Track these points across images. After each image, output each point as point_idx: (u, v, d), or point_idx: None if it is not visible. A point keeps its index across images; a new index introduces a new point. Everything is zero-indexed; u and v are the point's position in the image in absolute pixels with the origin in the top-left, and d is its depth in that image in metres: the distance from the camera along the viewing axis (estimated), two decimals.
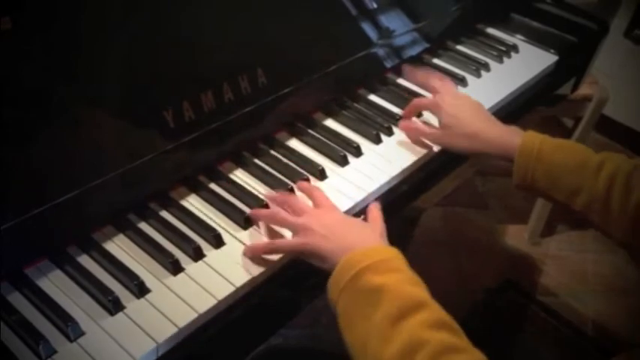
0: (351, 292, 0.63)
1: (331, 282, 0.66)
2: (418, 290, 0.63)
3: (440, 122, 0.91)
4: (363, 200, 0.82)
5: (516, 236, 1.93)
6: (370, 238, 0.70)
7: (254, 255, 0.72)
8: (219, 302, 0.67)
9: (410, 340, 0.57)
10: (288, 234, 0.74)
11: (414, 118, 0.98)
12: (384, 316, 0.59)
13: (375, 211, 0.76)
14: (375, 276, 0.62)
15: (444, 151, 0.94)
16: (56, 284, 0.67)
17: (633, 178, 0.76)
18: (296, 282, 0.75)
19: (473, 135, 0.87)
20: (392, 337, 0.58)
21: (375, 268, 0.63)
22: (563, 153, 0.81)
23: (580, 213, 0.80)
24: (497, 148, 0.86)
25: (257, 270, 0.71)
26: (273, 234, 0.75)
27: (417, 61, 1.14)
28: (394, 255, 0.66)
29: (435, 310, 0.61)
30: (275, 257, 0.72)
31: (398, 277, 0.63)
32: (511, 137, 0.85)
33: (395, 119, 0.97)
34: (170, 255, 0.70)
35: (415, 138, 0.93)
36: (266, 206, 0.78)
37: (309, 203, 0.77)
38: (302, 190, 0.80)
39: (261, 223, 0.76)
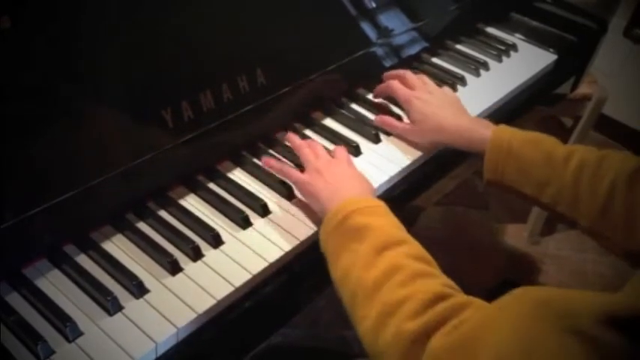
0: (339, 230, 0.68)
1: (323, 226, 0.71)
2: (401, 232, 0.68)
3: (409, 118, 0.93)
4: None
5: (516, 236, 1.93)
6: (365, 193, 0.75)
7: (269, 166, 0.82)
8: (218, 302, 0.67)
9: (390, 265, 0.62)
10: (288, 234, 0.75)
11: (395, 109, 0.98)
12: (369, 247, 0.65)
13: None
14: (363, 217, 0.68)
15: (442, 151, 0.94)
16: (54, 284, 0.67)
17: (602, 167, 0.77)
18: (295, 282, 0.75)
19: (440, 129, 0.88)
20: (374, 263, 0.63)
21: (362, 211, 0.68)
22: (531, 146, 0.81)
23: (548, 205, 0.81)
24: (464, 141, 0.87)
25: (256, 270, 0.71)
26: (273, 234, 0.75)
27: (416, 60, 1.14)
28: (381, 204, 0.72)
29: (416, 246, 0.67)
30: (275, 257, 0.72)
31: (383, 220, 0.69)
32: (480, 130, 0.86)
33: (395, 118, 0.97)
34: (169, 255, 0.70)
35: (391, 132, 0.94)
36: (266, 206, 0.78)
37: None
38: (309, 145, 0.84)
39: (262, 223, 0.76)
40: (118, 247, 0.72)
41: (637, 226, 0.73)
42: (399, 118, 0.97)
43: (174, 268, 0.69)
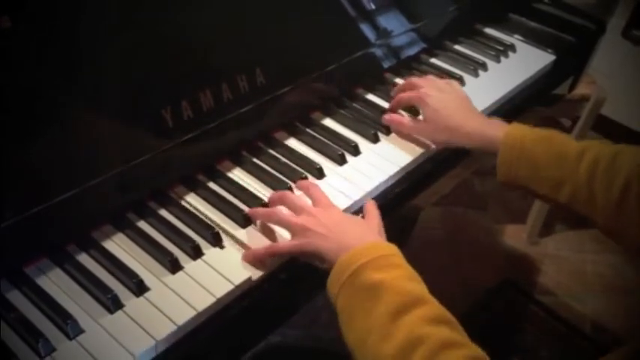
0: (351, 288, 0.63)
1: (330, 280, 0.66)
2: (417, 286, 0.63)
3: (423, 116, 0.92)
4: (361, 199, 0.82)
5: (515, 236, 1.93)
6: (368, 235, 0.70)
7: (255, 260, 0.71)
8: (218, 300, 0.67)
9: (409, 336, 0.57)
10: (286, 233, 0.75)
11: (401, 111, 0.98)
12: (384, 311, 0.60)
13: (372, 208, 0.77)
14: (374, 272, 0.63)
15: (442, 151, 0.94)
16: (55, 283, 0.67)
17: (616, 163, 0.76)
18: (295, 280, 0.75)
19: (453, 128, 0.88)
20: (391, 333, 0.58)
21: (373, 265, 0.63)
22: (544, 145, 0.81)
23: (565, 206, 0.80)
24: (477, 142, 0.87)
25: (256, 268, 0.71)
26: (271, 233, 0.75)
27: (415, 60, 1.14)
28: (393, 251, 0.67)
29: (434, 306, 0.61)
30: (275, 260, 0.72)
31: (397, 273, 0.63)
32: (493, 130, 0.85)
33: None
34: (169, 253, 0.70)
35: (399, 131, 0.94)
36: (265, 205, 0.78)
37: (308, 201, 0.77)
38: (301, 188, 0.80)
39: (259, 222, 0.76)
40: (119, 245, 0.72)
41: None
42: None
43: (175, 267, 0.69)
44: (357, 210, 0.82)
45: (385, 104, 1.02)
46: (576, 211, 0.80)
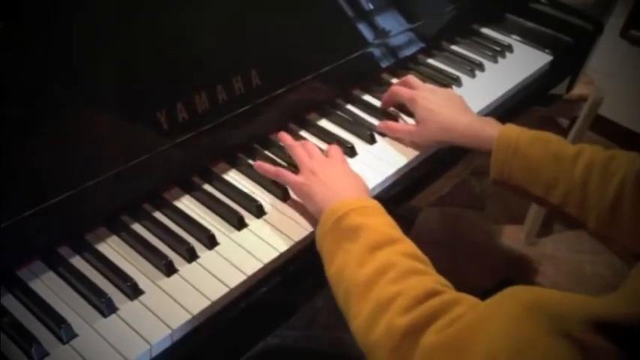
0: (335, 231, 0.68)
1: (319, 226, 0.71)
2: (396, 232, 0.68)
3: (416, 116, 0.92)
4: None
5: (513, 236, 1.93)
6: (360, 193, 0.75)
7: (262, 169, 0.81)
8: (213, 303, 0.67)
9: (383, 263, 0.62)
10: (281, 235, 0.75)
11: (401, 115, 0.98)
12: (363, 244, 0.65)
13: None
14: (358, 217, 0.68)
15: (438, 151, 0.94)
16: (49, 286, 0.67)
17: (610, 167, 0.76)
18: (291, 283, 0.74)
19: (446, 126, 0.88)
20: (367, 261, 0.63)
21: (358, 211, 0.68)
22: (539, 146, 0.81)
23: (556, 207, 0.80)
24: (470, 140, 0.86)
25: (251, 271, 0.71)
26: (269, 234, 0.75)
27: (412, 61, 1.14)
28: (378, 206, 0.72)
29: (410, 245, 0.66)
30: (270, 257, 0.72)
31: (378, 220, 0.69)
32: (487, 129, 0.85)
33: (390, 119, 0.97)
34: (164, 256, 0.70)
35: (395, 136, 0.93)
36: (261, 207, 0.78)
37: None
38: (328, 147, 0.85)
39: (257, 226, 0.76)
40: (113, 248, 0.72)
41: None
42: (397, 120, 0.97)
43: (169, 270, 0.69)
44: None
45: None
46: (567, 214, 0.79)
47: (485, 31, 1.27)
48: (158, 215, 0.76)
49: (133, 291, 0.66)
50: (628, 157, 0.77)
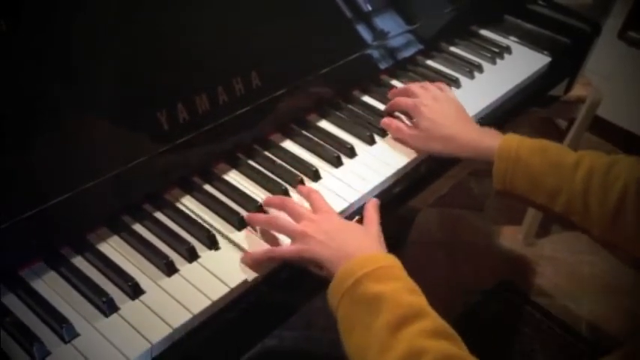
0: (351, 299, 0.63)
1: (331, 289, 0.66)
2: (417, 298, 0.63)
3: (418, 125, 0.91)
4: (358, 201, 0.82)
5: (511, 237, 1.94)
6: (368, 243, 0.70)
7: (252, 263, 0.71)
8: (214, 303, 0.67)
9: (409, 349, 0.57)
10: (284, 238, 0.75)
11: (401, 116, 0.97)
12: (384, 324, 0.60)
13: (372, 212, 0.76)
14: (374, 284, 0.63)
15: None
16: (50, 286, 0.67)
17: (611, 174, 0.76)
18: (291, 283, 0.75)
19: (449, 138, 0.88)
20: (391, 346, 0.58)
21: (373, 276, 0.64)
22: (540, 155, 0.81)
23: (560, 215, 0.80)
24: (472, 151, 0.86)
25: (252, 271, 0.71)
26: (269, 237, 0.75)
27: (411, 62, 1.14)
28: (392, 263, 0.67)
29: (434, 319, 0.61)
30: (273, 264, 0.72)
31: (397, 286, 0.63)
32: (487, 140, 0.85)
33: None
34: (164, 256, 0.70)
35: (396, 136, 0.93)
36: (261, 208, 0.78)
37: (307, 206, 0.77)
38: (301, 193, 0.80)
39: (257, 227, 0.76)
40: (114, 248, 0.72)
41: None
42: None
43: (170, 269, 0.69)
44: (354, 212, 0.82)
45: (381, 106, 1.02)
46: (571, 222, 0.79)
47: (484, 32, 1.28)
48: (159, 215, 0.77)
49: (134, 291, 0.66)
50: (629, 162, 0.77)
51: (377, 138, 0.94)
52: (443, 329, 0.60)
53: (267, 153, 0.88)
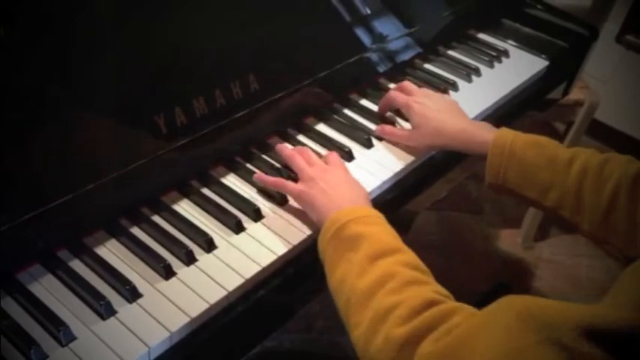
0: (336, 240, 0.68)
1: (320, 234, 0.71)
2: (397, 241, 0.69)
3: (411, 122, 0.92)
4: None
5: (510, 240, 1.94)
6: (363, 202, 0.75)
7: (262, 181, 0.81)
8: (212, 306, 0.67)
9: (383, 273, 0.63)
10: (280, 240, 0.75)
11: (397, 119, 0.98)
12: (363, 255, 0.65)
13: None
14: (359, 226, 0.68)
15: (435, 156, 0.95)
16: (48, 289, 0.67)
17: (604, 171, 0.77)
18: (289, 286, 0.75)
19: (440, 130, 0.88)
20: (367, 271, 0.64)
21: (358, 221, 0.69)
22: (534, 149, 0.81)
23: (551, 210, 0.80)
24: (465, 144, 0.87)
25: (249, 274, 0.71)
26: (266, 238, 0.76)
27: (409, 65, 1.15)
28: (378, 214, 0.72)
29: (410, 255, 0.67)
30: (267, 262, 0.73)
31: (379, 229, 0.69)
32: (481, 133, 0.86)
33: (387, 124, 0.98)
34: (162, 259, 0.70)
35: (391, 141, 0.94)
36: (258, 211, 0.78)
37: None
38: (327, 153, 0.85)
39: (254, 229, 0.77)
40: (112, 251, 0.72)
41: (638, 232, 0.73)
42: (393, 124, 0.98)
43: (168, 273, 0.69)
44: None
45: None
46: (561, 216, 0.80)
47: (482, 36, 1.28)
48: (157, 219, 0.77)
49: (132, 294, 0.66)
50: (622, 160, 0.78)
51: (374, 141, 0.94)
52: (417, 263, 0.65)
53: (265, 156, 0.89)
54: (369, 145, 0.93)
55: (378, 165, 0.90)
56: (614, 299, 0.48)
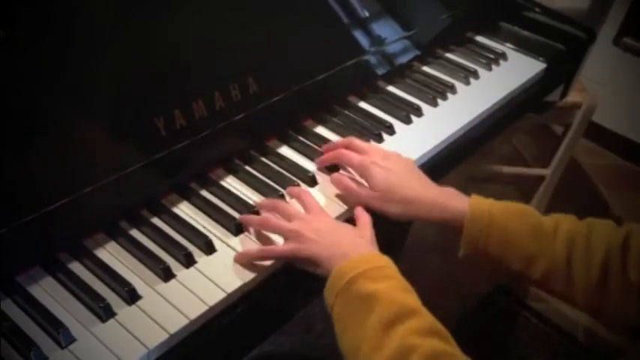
0: (345, 298, 0.64)
1: (326, 288, 0.67)
2: (410, 297, 0.64)
3: (372, 186, 0.80)
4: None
5: None
6: (361, 243, 0.71)
7: (246, 261, 0.72)
8: (211, 308, 0.67)
9: (400, 346, 0.58)
10: (279, 240, 0.75)
11: (342, 172, 0.87)
12: (376, 322, 0.61)
13: (364, 216, 0.77)
14: (368, 282, 0.64)
15: (433, 157, 0.95)
16: (48, 291, 0.67)
17: (591, 242, 0.73)
18: (288, 288, 0.75)
19: (410, 200, 0.79)
20: (383, 342, 0.59)
21: (368, 275, 0.64)
22: (514, 217, 0.76)
23: (538, 281, 0.76)
24: (438, 215, 0.79)
25: (248, 276, 0.71)
26: (264, 239, 0.76)
27: (407, 68, 1.15)
28: (387, 263, 0.68)
29: (427, 318, 0.62)
30: (267, 263, 0.73)
31: (390, 284, 0.64)
32: (452, 202, 0.79)
33: (385, 126, 0.98)
34: (161, 261, 0.70)
35: (347, 196, 0.83)
36: (257, 212, 0.79)
37: (300, 208, 0.78)
38: (292, 194, 0.81)
39: (252, 229, 0.77)
40: (111, 254, 0.72)
41: (635, 299, 0.70)
42: (388, 125, 0.98)
43: (167, 275, 0.69)
44: (352, 217, 0.82)
45: (378, 112, 1.02)
46: (551, 289, 0.76)
47: (480, 39, 1.29)
48: (156, 221, 0.77)
49: (131, 296, 0.67)
50: (607, 227, 0.75)
51: (373, 144, 0.94)
52: (434, 327, 0.61)
53: (263, 159, 0.89)
54: None
55: None
56: None
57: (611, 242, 0.72)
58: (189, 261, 0.72)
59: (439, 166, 0.96)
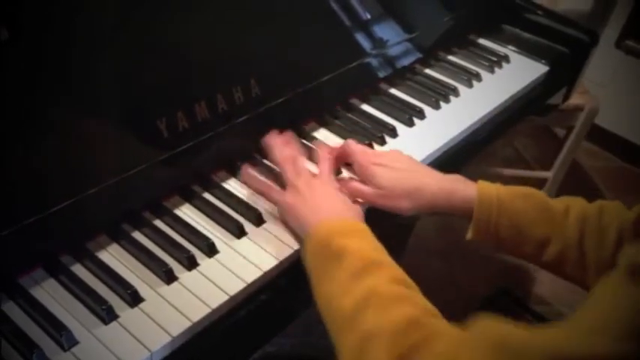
0: (319, 253, 0.67)
1: (303, 245, 0.70)
2: (381, 254, 0.66)
3: (373, 185, 0.80)
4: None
5: None
6: (347, 213, 0.73)
7: (248, 178, 0.81)
8: (213, 311, 0.67)
9: (367, 291, 0.60)
10: (285, 236, 0.77)
11: (346, 173, 0.86)
12: (347, 272, 0.63)
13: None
14: (341, 239, 0.66)
15: (435, 159, 0.95)
16: (50, 293, 0.67)
17: (603, 221, 0.73)
18: (290, 291, 0.75)
19: (414, 190, 0.78)
20: (352, 289, 0.62)
21: (342, 232, 0.67)
22: (524, 201, 0.76)
23: (551, 264, 0.76)
24: (445, 201, 0.79)
25: (251, 278, 0.71)
26: (267, 244, 0.76)
27: (409, 71, 1.15)
28: (362, 227, 0.70)
29: (395, 269, 0.64)
30: (269, 266, 0.73)
31: (362, 242, 0.67)
32: (459, 188, 0.79)
33: (388, 129, 0.98)
34: (164, 264, 0.70)
35: (355, 197, 0.81)
36: (260, 216, 0.79)
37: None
38: (319, 152, 0.83)
39: (255, 234, 0.77)
40: (114, 256, 0.72)
41: None
42: (391, 128, 0.98)
43: (169, 277, 0.69)
44: None
45: (380, 114, 1.02)
46: (563, 272, 0.76)
47: (482, 41, 1.29)
48: (158, 223, 0.77)
49: (134, 298, 0.67)
50: (615, 206, 0.75)
51: (376, 147, 0.94)
52: (402, 277, 0.63)
53: (266, 161, 0.89)
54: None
55: None
56: (586, 325, 0.47)
57: (623, 222, 0.72)
58: (191, 263, 0.71)
59: (441, 168, 0.96)
